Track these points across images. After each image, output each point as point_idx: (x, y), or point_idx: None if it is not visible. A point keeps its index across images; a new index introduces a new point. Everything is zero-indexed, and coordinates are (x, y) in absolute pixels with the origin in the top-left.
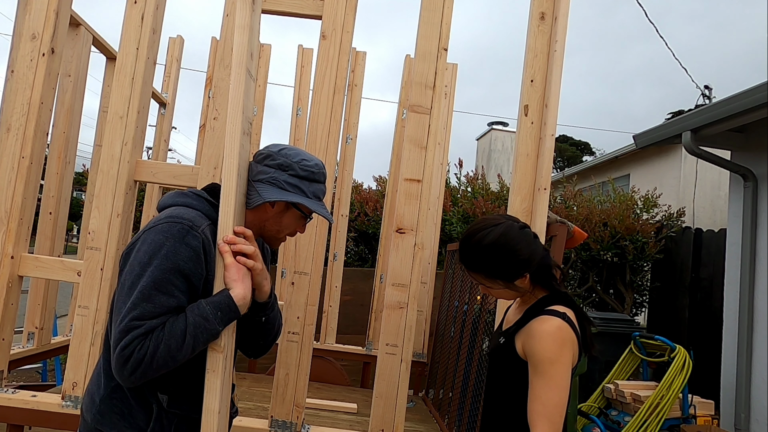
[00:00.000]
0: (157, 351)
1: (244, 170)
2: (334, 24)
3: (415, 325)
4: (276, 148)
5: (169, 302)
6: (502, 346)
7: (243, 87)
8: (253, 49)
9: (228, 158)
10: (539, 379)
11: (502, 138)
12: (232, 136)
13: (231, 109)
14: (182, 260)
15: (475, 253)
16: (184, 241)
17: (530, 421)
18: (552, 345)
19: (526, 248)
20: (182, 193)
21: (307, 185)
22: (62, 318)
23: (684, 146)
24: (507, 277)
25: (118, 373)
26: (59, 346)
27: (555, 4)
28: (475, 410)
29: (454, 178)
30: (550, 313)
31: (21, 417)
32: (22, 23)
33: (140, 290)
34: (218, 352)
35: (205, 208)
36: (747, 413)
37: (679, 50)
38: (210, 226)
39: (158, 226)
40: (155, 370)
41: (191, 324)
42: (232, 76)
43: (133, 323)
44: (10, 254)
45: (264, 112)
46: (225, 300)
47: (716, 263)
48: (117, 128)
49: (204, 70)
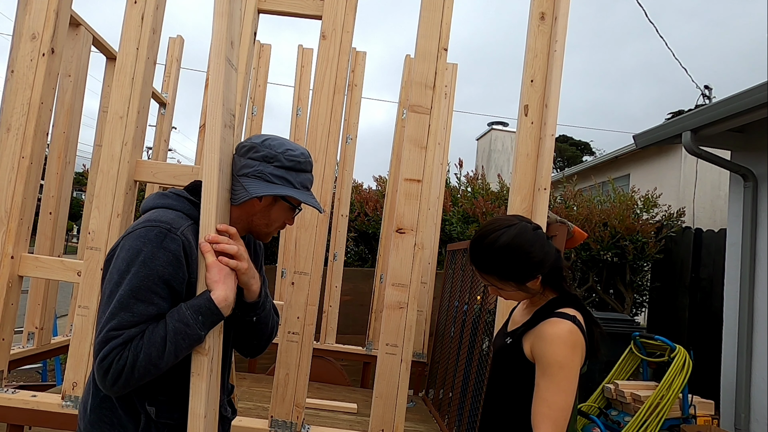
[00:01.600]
0: (136, 361)
1: (227, 165)
2: (334, 24)
3: (415, 325)
4: (259, 139)
5: (149, 310)
6: (509, 346)
7: (222, 77)
8: (233, 37)
9: (209, 153)
10: (547, 381)
11: (502, 138)
12: (213, 129)
13: (211, 100)
14: (161, 265)
15: (487, 255)
16: (162, 245)
17: (534, 423)
18: (563, 349)
19: (540, 250)
20: (162, 194)
21: (294, 176)
22: (62, 318)
23: (684, 146)
24: (520, 279)
25: (101, 384)
26: (59, 346)
27: (555, 4)
28: (475, 410)
29: (454, 178)
30: (561, 316)
31: (21, 417)
32: (22, 23)
33: (118, 299)
34: (203, 355)
35: (186, 208)
36: (747, 413)
37: (676, 48)
38: (192, 226)
39: (136, 231)
40: (138, 379)
41: (171, 331)
42: (212, 66)
43: (111, 333)
44: (10, 254)
45: (264, 112)
46: (205, 303)
47: (716, 263)
48: (117, 128)
49: (204, 70)
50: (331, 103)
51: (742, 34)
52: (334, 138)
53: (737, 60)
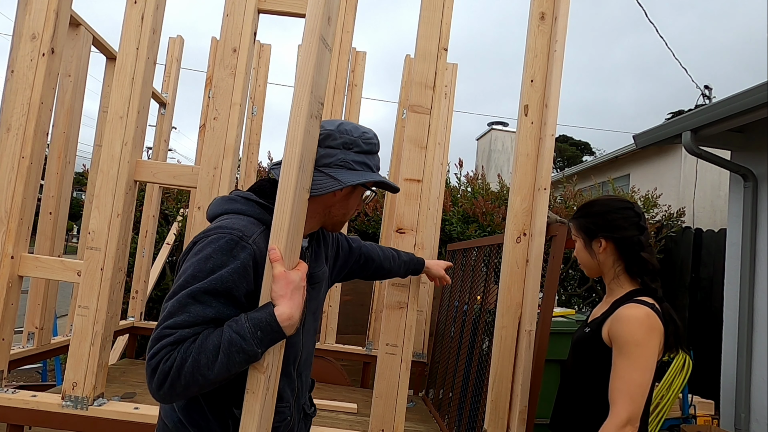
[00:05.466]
0: (184, 365)
1: (309, 161)
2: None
3: (415, 325)
4: (332, 125)
5: (205, 312)
6: (587, 334)
7: (314, 59)
8: (332, 12)
9: (289, 146)
10: (623, 359)
11: (502, 138)
12: (296, 119)
13: (298, 86)
14: (227, 273)
15: (584, 205)
16: (232, 253)
17: (611, 399)
18: (639, 329)
19: (621, 221)
20: (230, 199)
21: (371, 159)
22: (62, 318)
23: (684, 146)
24: (589, 233)
25: (149, 386)
26: (59, 346)
27: (555, 4)
28: (475, 410)
29: (454, 178)
30: (639, 302)
31: (21, 417)
32: (22, 23)
33: (178, 299)
34: (260, 372)
35: (257, 212)
36: (747, 413)
37: (670, 43)
38: (264, 232)
39: (208, 237)
40: (184, 387)
41: (226, 340)
42: (303, 45)
43: (164, 331)
44: (10, 254)
45: (264, 112)
46: (266, 318)
47: (716, 263)
48: (117, 128)
49: (204, 70)
50: (331, 103)
51: (734, 27)
52: None
53: (729, 53)
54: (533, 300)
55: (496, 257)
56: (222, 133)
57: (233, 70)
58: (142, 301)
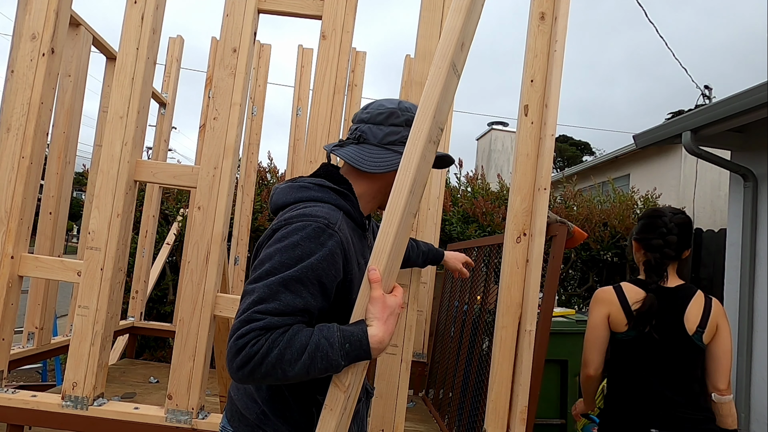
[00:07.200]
0: (269, 353)
1: (420, 186)
2: (334, 24)
3: (415, 325)
4: (392, 103)
5: (295, 302)
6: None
7: (442, 83)
8: (466, 38)
9: (403, 171)
10: None
11: (502, 138)
12: (414, 143)
13: (421, 109)
14: (316, 261)
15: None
16: (320, 241)
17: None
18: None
19: (648, 231)
20: (301, 186)
21: None
22: (62, 318)
23: (684, 146)
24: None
25: (229, 364)
26: (59, 346)
27: (555, 4)
28: (475, 410)
29: (454, 178)
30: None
31: (21, 417)
32: (22, 23)
33: (267, 284)
34: (340, 390)
35: (333, 198)
36: (747, 413)
37: (667, 39)
38: (344, 217)
39: (292, 224)
40: (263, 375)
41: (314, 342)
42: (432, 68)
43: (254, 315)
44: (10, 254)
45: (264, 112)
46: (359, 334)
47: (716, 263)
48: (117, 128)
49: (204, 70)
50: (331, 103)
51: (731, 23)
52: (334, 138)
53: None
54: (533, 300)
55: (496, 257)
56: (222, 133)
57: (233, 70)
58: (142, 301)
